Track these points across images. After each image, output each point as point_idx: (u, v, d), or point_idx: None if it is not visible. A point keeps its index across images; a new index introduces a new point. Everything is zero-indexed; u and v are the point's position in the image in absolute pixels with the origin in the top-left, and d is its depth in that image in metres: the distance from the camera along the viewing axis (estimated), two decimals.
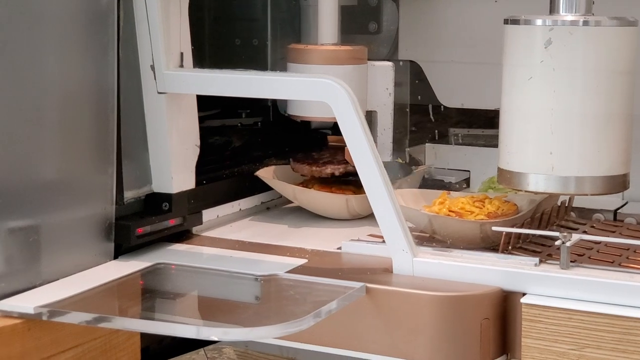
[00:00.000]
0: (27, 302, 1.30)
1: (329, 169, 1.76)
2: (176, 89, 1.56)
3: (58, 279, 1.40)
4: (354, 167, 1.56)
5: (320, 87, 1.44)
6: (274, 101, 2.26)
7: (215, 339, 1.22)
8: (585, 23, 1.42)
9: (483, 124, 2.07)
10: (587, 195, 1.46)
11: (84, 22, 1.43)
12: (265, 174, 1.83)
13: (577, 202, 1.73)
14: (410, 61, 2.10)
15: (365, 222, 1.77)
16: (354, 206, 1.76)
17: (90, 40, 1.44)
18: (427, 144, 2.13)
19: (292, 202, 1.87)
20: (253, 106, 2.27)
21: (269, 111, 2.30)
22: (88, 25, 1.44)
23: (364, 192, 1.71)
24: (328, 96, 1.43)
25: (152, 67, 1.54)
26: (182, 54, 1.58)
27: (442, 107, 2.07)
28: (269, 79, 1.50)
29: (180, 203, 1.62)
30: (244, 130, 2.22)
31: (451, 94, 2.07)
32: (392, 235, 1.43)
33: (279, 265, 1.50)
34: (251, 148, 2.08)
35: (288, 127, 2.23)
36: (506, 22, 1.49)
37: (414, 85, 2.11)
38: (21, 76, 1.34)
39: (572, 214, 1.75)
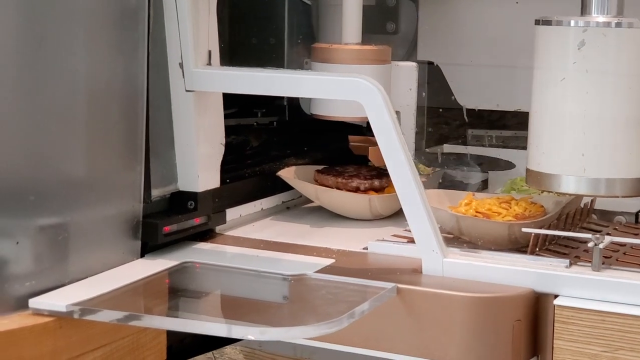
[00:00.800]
0: (58, 300, 1.29)
1: (354, 183, 1.75)
2: (204, 87, 1.55)
3: (86, 277, 1.39)
4: (379, 182, 1.76)
5: (353, 86, 1.43)
6: (290, 100, 2.26)
7: (252, 338, 1.21)
8: (618, 25, 1.42)
9: (503, 125, 2.07)
10: (617, 197, 1.46)
11: (116, 19, 1.42)
12: (286, 174, 1.82)
13: (598, 205, 1.72)
14: (429, 62, 2.10)
15: (387, 222, 1.77)
16: (377, 206, 1.75)
17: (121, 38, 1.44)
18: (445, 145, 2.13)
19: (312, 202, 1.86)
20: (269, 105, 2.27)
21: (285, 110, 2.29)
22: (119, 22, 1.43)
23: (385, 192, 1.72)
24: (361, 95, 1.42)
25: (181, 65, 1.53)
26: (210, 52, 1.58)
27: (462, 108, 2.07)
28: (301, 77, 1.49)
29: (206, 202, 1.61)
30: (260, 129, 2.21)
31: (470, 95, 2.07)
32: (422, 235, 1.43)
33: (306, 264, 1.49)
34: (269, 147, 2.07)
35: (304, 127, 2.23)
36: (537, 22, 1.48)
37: (433, 86, 2.11)
38: (53, 73, 1.33)
39: (594, 215, 1.74)
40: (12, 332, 1.23)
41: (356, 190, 1.75)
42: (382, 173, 1.79)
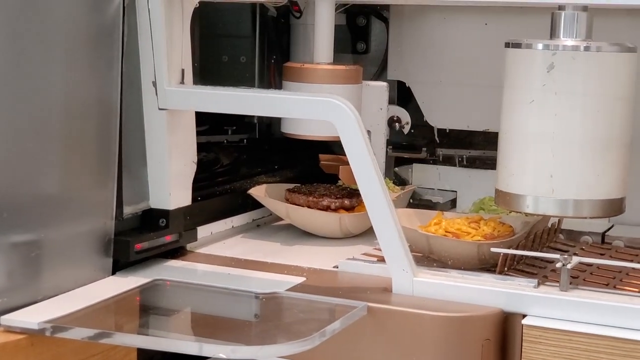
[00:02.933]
0: (30, 318, 1.29)
1: (325, 201, 1.77)
2: (177, 106, 1.56)
3: (58, 294, 1.39)
4: (349, 201, 1.78)
5: (325, 106, 1.45)
6: (261, 118, 2.27)
7: (224, 356, 1.22)
8: (587, 48, 1.44)
9: (471, 145, 2.09)
10: (585, 218, 1.48)
11: (91, 38, 1.43)
12: (257, 192, 1.83)
13: (565, 225, 1.75)
14: (398, 81, 2.12)
15: (357, 240, 1.78)
16: (347, 225, 1.77)
17: (96, 56, 1.44)
18: (414, 164, 2.15)
19: (282, 220, 1.87)
20: (239, 123, 2.28)
21: (255, 128, 2.30)
22: (94, 41, 1.44)
23: (356, 211, 1.73)
24: (333, 115, 1.44)
25: (154, 83, 1.54)
26: (183, 70, 1.58)
27: (430, 127, 2.09)
28: (273, 97, 1.50)
29: (177, 219, 1.62)
30: (231, 147, 2.22)
31: (439, 114, 2.09)
32: (393, 254, 1.44)
33: (278, 283, 1.50)
34: (240, 165, 2.08)
35: (275, 145, 2.24)
36: (507, 45, 1.51)
37: (402, 106, 2.13)
38: (29, 91, 1.33)
39: (561, 235, 1.77)
40: None
41: (327, 209, 1.77)
42: (352, 192, 1.81)
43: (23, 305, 1.33)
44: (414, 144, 2.11)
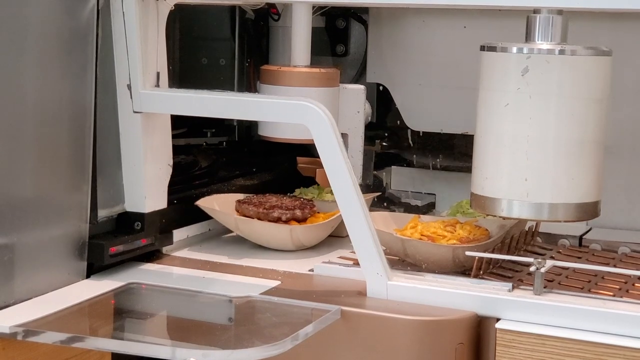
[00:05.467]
0: (2, 322, 1.29)
1: (276, 213, 1.68)
2: (152, 109, 1.56)
3: (31, 298, 1.39)
4: (301, 213, 1.70)
5: (298, 109, 1.44)
6: (240, 121, 2.27)
7: None
8: (562, 52, 1.44)
9: (449, 148, 2.09)
10: (560, 222, 1.48)
11: (64, 41, 1.43)
12: (206, 203, 1.73)
13: (543, 228, 1.75)
14: (378, 84, 2.12)
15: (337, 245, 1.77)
16: (299, 237, 1.69)
17: (70, 59, 1.44)
18: (392, 167, 2.15)
19: None
20: (218, 126, 2.28)
21: (235, 131, 2.30)
22: (68, 43, 1.43)
23: (308, 222, 1.72)
24: (306, 118, 1.44)
25: (129, 86, 1.54)
26: (158, 73, 1.58)
27: (408, 130, 2.09)
28: (247, 100, 1.50)
29: (152, 222, 1.61)
30: (210, 149, 2.21)
31: (418, 117, 2.09)
32: (367, 258, 1.44)
33: (252, 286, 1.50)
34: (218, 168, 2.07)
35: (253, 148, 2.23)
36: (482, 48, 1.51)
37: (381, 109, 2.13)
38: (1, 94, 1.33)
39: (538, 239, 1.77)
40: None
41: (277, 220, 1.68)
42: (305, 203, 1.74)
43: None
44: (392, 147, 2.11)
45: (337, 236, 1.75)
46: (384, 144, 2.11)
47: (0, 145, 1.34)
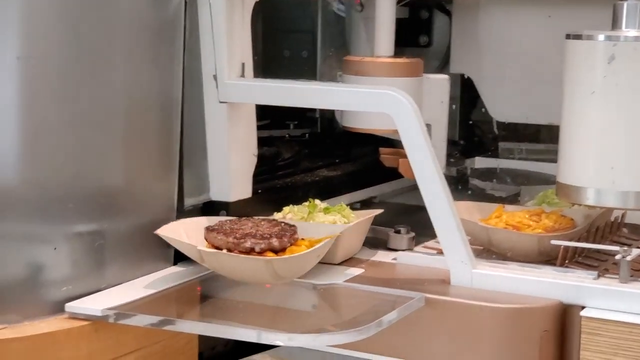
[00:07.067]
0: (94, 305, 1.32)
1: (248, 243, 1.41)
2: (238, 99, 1.58)
3: (121, 283, 1.42)
4: (278, 242, 1.42)
5: (383, 98, 1.45)
6: (322, 113, 2.28)
7: (280, 343, 1.23)
8: None
9: (534, 138, 2.08)
10: None
11: (154, 33, 1.46)
12: (168, 232, 1.45)
13: (631, 219, 1.73)
14: (461, 75, 2.11)
15: None
16: (276, 270, 1.41)
17: (159, 51, 1.47)
18: (476, 157, 2.14)
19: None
20: (301, 118, 2.30)
21: (317, 123, 2.32)
22: (157, 35, 1.46)
23: (288, 252, 1.44)
24: (391, 107, 1.44)
25: (215, 77, 1.56)
26: (243, 64, 1.60)
27: (493, 120, 2.08)
28: (332, 89, 1.52)
29: (237, 211, 1.63)
30: (292, 141, 2.24)
31: (502, 108, 2.08)
32: (451, 246, 1.44)
33: (336, 274, 1.51)
34: (301, 159, 2.09)
35: (336, 139, 2.25)
36: (568, 37, 1.50)
37: (464, 99, 2.13)
38: (93, 85, 1.37)
39: (624, 229, 1.75)
40: (49, 335, 1.27)
41: (250, 252, 1.41)
42: (285, 229, 1.47)
43: (87, 294, 1.36)
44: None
45: (328, 263, 1.53)
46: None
47: (92, 135, 1.37)
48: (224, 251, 1.41)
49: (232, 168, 1.62)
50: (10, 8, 1.28)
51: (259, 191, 1.73)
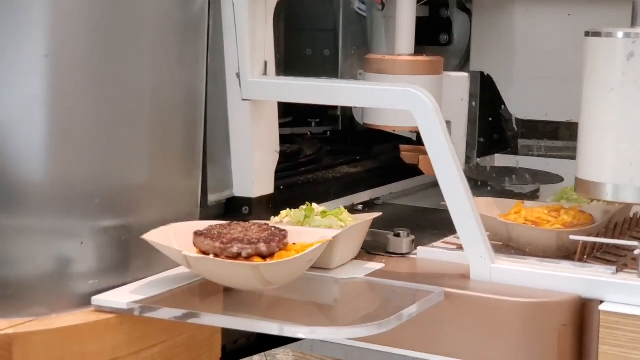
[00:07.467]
0: (119, 298, 1.35)
1: (235, 248, 1.36)
2: (261, 96, 1.61)
3: (145, 277, 1.44)
4: (266, 247, 1.37)
5: (404, 95, 1.47)
6: (344, 111, 2.31)
7: (302, 336, 1.26)
8: None
9: (553, 136, 2.09)
10: None
11: (178, 32, 1.48)
12: (155, 237, 1.41)
13: None
14: (481, 72, 2.13)
15: None
16: (264, 276, 1.37)
17: (183, 49, 1.49)
18: (495, 154, 2.16)
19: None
20: (322, 115, 2.32)
21: (339, 120, 2.34)
22: (182, 34, 1.49)
23: (276, 257, 1.40)
24: (411, 105, 1.46)
25: (238, 75, 1.59)
26: (266, 62, 1.63)
27: (512, 117, 2.10)
28: (353, 87, 1.54)
29: (260, 207, 1.66)
30: (314, 139, 2.26)
31: (522, 105, 2.10)
32: (471, 241, 1.46)
33: (357, 268, 1.53)
34: (323, 156, 2.12)
35: (357, 137, 2.27)
36: (587, 34, 1.51)
37: (484, 97, 2.14)
38: (119, 84, 1.39)
39: None
40: (76, 328, 1.29)
41: (237, 257, 1.37)
42: (274, 234, 1.41)
43: (113, 287, 1.38)
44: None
45: (323, 268, 1.51)
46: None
47: (118, 132, 1.40)
48: (211, 256, 1.37)
49: (254, 165, 1.64)
50: (37, 6, 1.30)
51: (281, 187, 1.75)
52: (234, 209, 1.64)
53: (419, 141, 1.56)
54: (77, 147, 1.35)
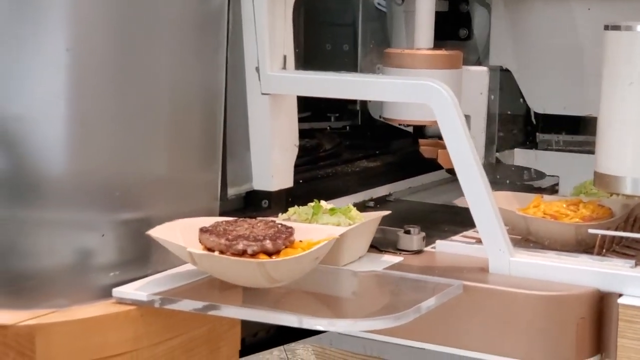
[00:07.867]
0: (140, 290, 1.36)
1: (240, 245, 1.34)
2: (280, 90, 1.61)
3: (165, 270, 1.45)
4: (272, 244, 1.35)
5: (423, 89, 1.48)
6: (363, 105, 2.31)
7: (321, 328, 1.26)
8: None
9: (572, 130, 2.09)
10: None
11: (198, 26, 1.49)
12: (161, 233, 1.39)
13: None
14: (500, 67, 2.13)
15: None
16: (270, 273, 1.35)
17: (203, 43, 1.50)
18: (515, 149, 2.16)
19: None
20: (342, 110, 2.33)
21: (358, 115, 2.35)
22: (201, 28, 1.50)
23: (282, 255, 1.37)
24: (430, 98, 1.47)
25: (257, 69, 1.60)
26: (285, 56, 1.64)
27: (531, 111, 2.10)
28: (372, 81, 1.54)
29: (279, 201, 1.67)
30: (333, 133, 2.27)
31: (541, 99, 2.10)
32: (490, 235, 1.46)
33: (376, 261, 1.54)
34: (342, 150, 2.12)
35: (376, 132, 2.28)
36: (606, 28, 1.51)
37: (503, 91, 2.14)
38: (139, 77, 1.40)
39: None
40: (97, 319, 1.30)
41: (242, 254, 1.34)
42: (280, 231, 1.39)
43: (134, 279, 1.39)
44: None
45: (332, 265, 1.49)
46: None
47: (137, 126, 1.41)
48: (216, 253, 1.34)
49: (273, 158, 1.65)
50: (58, 1, 1.32)
51: (301, 181, 1.76)
52: (254, 202, 1.65)
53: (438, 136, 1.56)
54: (98, 140, 1.36)
